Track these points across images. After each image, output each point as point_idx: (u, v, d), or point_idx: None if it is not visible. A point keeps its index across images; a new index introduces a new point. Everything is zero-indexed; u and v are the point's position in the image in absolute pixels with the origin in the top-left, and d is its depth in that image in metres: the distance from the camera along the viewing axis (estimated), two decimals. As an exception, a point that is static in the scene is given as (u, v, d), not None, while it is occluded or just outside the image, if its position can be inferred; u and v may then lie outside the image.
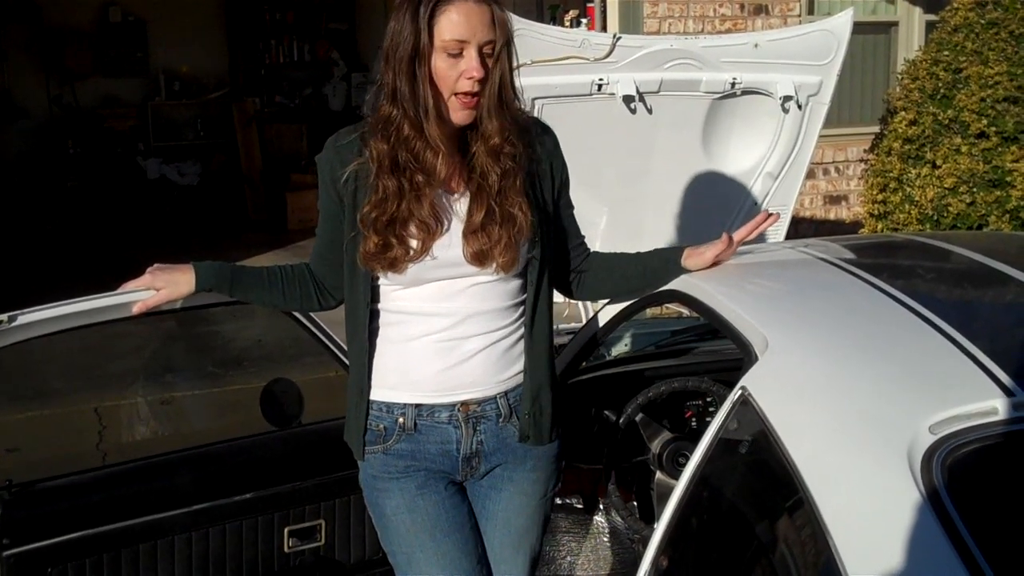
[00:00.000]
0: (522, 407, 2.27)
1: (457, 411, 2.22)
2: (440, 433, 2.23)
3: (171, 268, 2.39)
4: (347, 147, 2.20)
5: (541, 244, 2.23)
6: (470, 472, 2.29)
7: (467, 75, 2.05)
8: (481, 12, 2.06)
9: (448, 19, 2.04)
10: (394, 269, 2.14)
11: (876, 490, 1.59)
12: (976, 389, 1.69)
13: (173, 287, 2.37)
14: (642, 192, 4.04)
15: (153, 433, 5.07)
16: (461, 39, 2.04)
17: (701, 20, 7.62)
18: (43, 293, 3.27)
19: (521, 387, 2.27)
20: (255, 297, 2.42)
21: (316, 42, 12.52)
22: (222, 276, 2.37)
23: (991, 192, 5.80)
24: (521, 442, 2.28)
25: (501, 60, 2.09)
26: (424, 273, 2.16)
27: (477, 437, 2.25)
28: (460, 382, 2.21)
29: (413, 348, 2.21)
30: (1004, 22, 5.96)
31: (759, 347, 1.97)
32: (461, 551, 2.23)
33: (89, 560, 2.60)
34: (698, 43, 3.91)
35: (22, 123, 11.21)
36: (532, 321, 2.26)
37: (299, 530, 2.86)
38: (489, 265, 2.16)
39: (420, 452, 2.24)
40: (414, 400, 2.22)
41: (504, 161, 2.14)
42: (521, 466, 2.31)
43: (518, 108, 2.19)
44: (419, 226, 2.13)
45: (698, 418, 2.81)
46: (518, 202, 2.16)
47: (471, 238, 2.15)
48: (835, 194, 8.33)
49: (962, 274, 2.41)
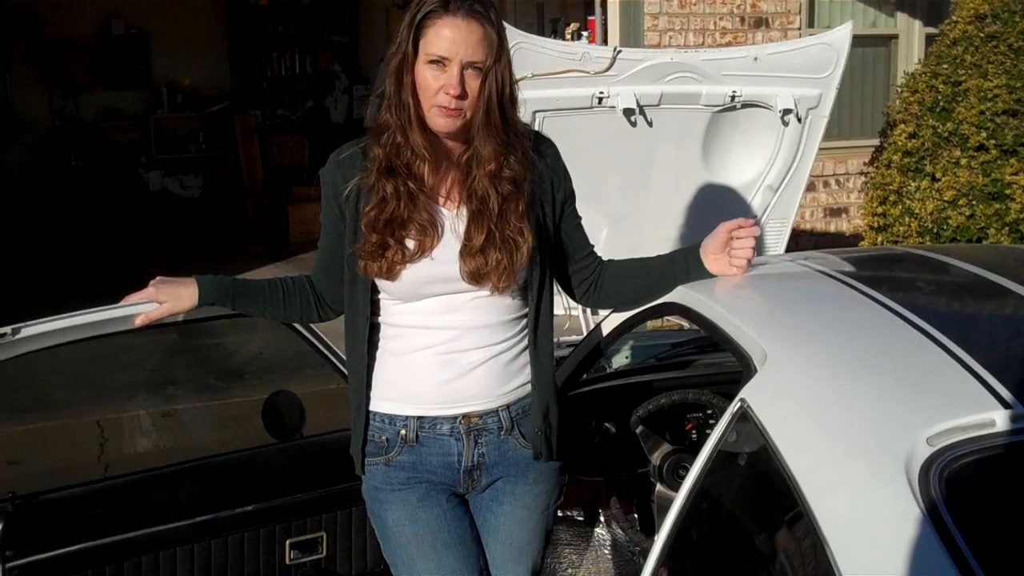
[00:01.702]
0: (532, 424, 2.27)
1: (459, 423, 2.23)
2: (442, 445, 2.24)
3: (174, 281, 2.40)
4: (348, 161, 2.22)
5: (541, 264, 2.23)
6: (472, 484, 2.29)
7: (445, 90, 2.06)
8: (470, 30, 2.06)
9: (434, 33, 2.06)
10: (390, 275, 2.15)
11: (874, 502, 1.59)
12: (974, 401, 1.70)
13: (176, 300, 2.38)
14: (642, 204, 4.05)
15: (155, 445, 5.07)
16: (443, 55, 2.05)
17: (701, 33, 7.64)
18: (45, 305, 3.28)
19: (524, 400, 2.27)
20: (257, 309, 2.43)
21: (318, 55, 12.56)
22: (224, 289, 2.38)
23: (990, 205, 5.81)
24: (535, 460, 2.29)
25: (490, 80, 2.09)
26: (422, 288, 2.17)
27: (479, 450, 2.25)
28: (462, 395, 2.22)
29: (413, 361, 2.22)
30: (1003, 35, 5.98)
31: (758, 359, 1.97)
32: (462, 563, 2.24)
33: (92, 572, 2.61)
34: (698, 56, 3.93)
35: (24, 135, 11.25)
36: (536, 336, 2.26)
37: (300, 542, 2.86)
38: (485, 285, 2.17)
39: (422, 464, 2.24)
40: (416, 412, 2.23)
41: (503, 186, 2.15)
42: (523, 479, 2.31)
43: (519, 125, 2.19)
44: (417, 229, 2.14)
45: (698, 430, 2.82)
46: (519, 227, 2.16)
47: (468, 259, 2.15)
48: (835, 206, 8.34)
49: (961, 287, 2.42)
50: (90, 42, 11.61)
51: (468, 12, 2.06)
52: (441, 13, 2.06)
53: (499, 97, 2.11)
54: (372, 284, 2.22)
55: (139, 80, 11.82)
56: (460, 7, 2.06)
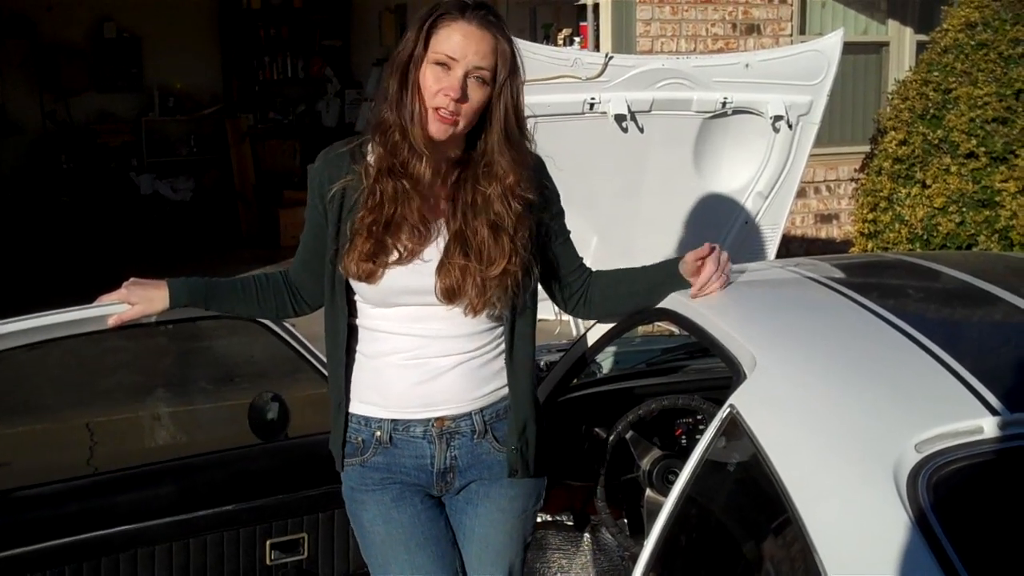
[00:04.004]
0: (507, 441, 2.28)
1: (431, 427, 2.23)
2: (415, 448, 2.25)
3: (146, 284, 2.41)
4: (337, 160, 2.22)
5: (523, 288, 2.22)
6: (445, 487, 2.30)
7: (444, 92, 2.06)
8: (481, 38, 2.07)
9: (446, 35, 2.07)
10: (371, 279, 2.14)
11: (862, 507, 1.60)
12: (962, 408, 1.71)
13: (147, 303, 2.40)
14: (633, 210, 4.05)
15: (144, 448, 5.05)
16: (451, 56, 2.06)
17: (693, 40, 7.65)
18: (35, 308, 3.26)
19: (498, 404, 2.27)
20: (230, 308, 2.45)
21: (310, 59, 12.54)
22: (195, 292, 2.39)
23: (980, 212, 5.83)
24: (510, 477, 2.29)
25: (505, 94, 2.10)
26: (394, 296, 2.18)
27: (451, 452, 2.26)
28: (433, 398, 2.22)
29: (385, 364, 2.23)
30: (993, 43, 6.00)
31: (748, 366, 1.98)
32: (435, 564, 2.25)
33: (68, 568, 2.61)
34: (690, 63, 3.93)
35: (16, 138, 11.21)
36: (512, 349, 2.26)
37: (282, 543, 2.86)
38: (459, 303, 2.17)
39: (396, 465, 2.25)
40: (390, 416, 2.24)
41: (516, 204, 2.15)
42: (497, 482, 2.32)
43: (526, 146, 2.19)
44: (408, 233, 2.14)
45: (688, 436, 2.82)
46: (524, 256, 2.17)
47: (444, 275, 2.15)
48: (826, 213, 8.35)
49: (950, 294, 2.43)
50: (82, 45, 11.58)
51: (483, 21, 2.08)
52: (457, 17, 2.07)
53: (515, 113, 2.12)
54: (347, 285, 2.22)
55: (131, 83, 11.80)
56: (476, 15, 2.08)
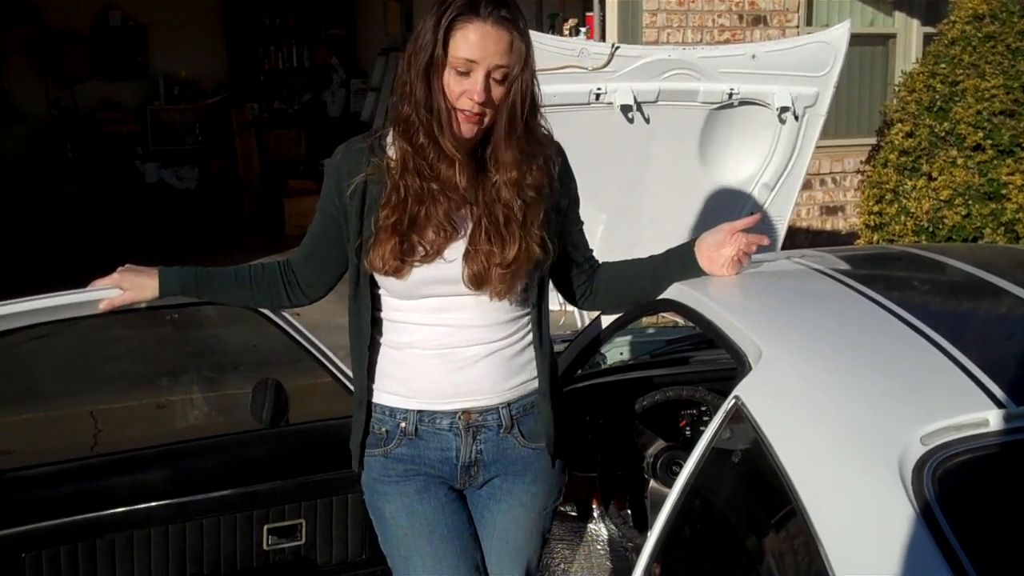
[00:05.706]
0: (543, 428, 2.28)
1: (458, 419, 2.22)
2: (441, 440, 2.23)
3: (139, 271, 2.42)
4: (356, 155, 2.19)
5: (543, 270, 2.23)
6: (468, 480, 2.29)
7: (469, 95, 2.04)
8: (498, 36, 2.04)
9: (463, 36, 2.03)
10: (399, 274, 2.13)
11: (867, 500, 1.59)
12: (968, 401, 1.70)
13: (138, 290, 2.41)
14: (639, 201, 4.04)
15: (147, 435, 5.06)
16: (471, 59, 2.03)
17: (700, 30, 7.63)
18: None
19: (526, 398, 2.27)
20: (223, 297, 2.45)
21: (315, 48, 12.54)
22: (187, 281, 2.39)
23: (986, 204, 5.82)
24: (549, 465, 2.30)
25: (515, 88, 2.07)
26: (422, 288, 2.16)
27: (477, 446, 2.25)
28: (462, 389, 2.21)
29: (410, 355, 2.22)
30: (1001, 36, 5.98)
31: (753, 357, 1.97)
32: (458, 556, 2.23)
33: (64, 548, 2.62)
34: (696, 53, 3.92)
35: (20, 126, 11.23)
36: (540, 334, 2.26)
37: (279, 528, 2.86)
38: (485, 290, 2.16)
39: (420, 457, 2.24)
40: (416, 406, 2.23)
41: (526, 192, 2.14)
42: (520, 478, 2.31)
43: (540, 133, 2.18)
44: (434, 229, 2.12)
45: (692, 427, 2.82)
46: (541, 236, 2.16)
47: (472, 262, 2.14)
48: (832, 205, 8.34)
49: (956, 286, 2.42)
50: (87, 33, 11.59)
51: (497, 18, 2.04)
52: (471, 17, 2.03)
53: (522, 105, 2.10)
54: (372, 279, 2.21)
55: (136, 71, 11.80)
56: (490, 13, 2.03)
